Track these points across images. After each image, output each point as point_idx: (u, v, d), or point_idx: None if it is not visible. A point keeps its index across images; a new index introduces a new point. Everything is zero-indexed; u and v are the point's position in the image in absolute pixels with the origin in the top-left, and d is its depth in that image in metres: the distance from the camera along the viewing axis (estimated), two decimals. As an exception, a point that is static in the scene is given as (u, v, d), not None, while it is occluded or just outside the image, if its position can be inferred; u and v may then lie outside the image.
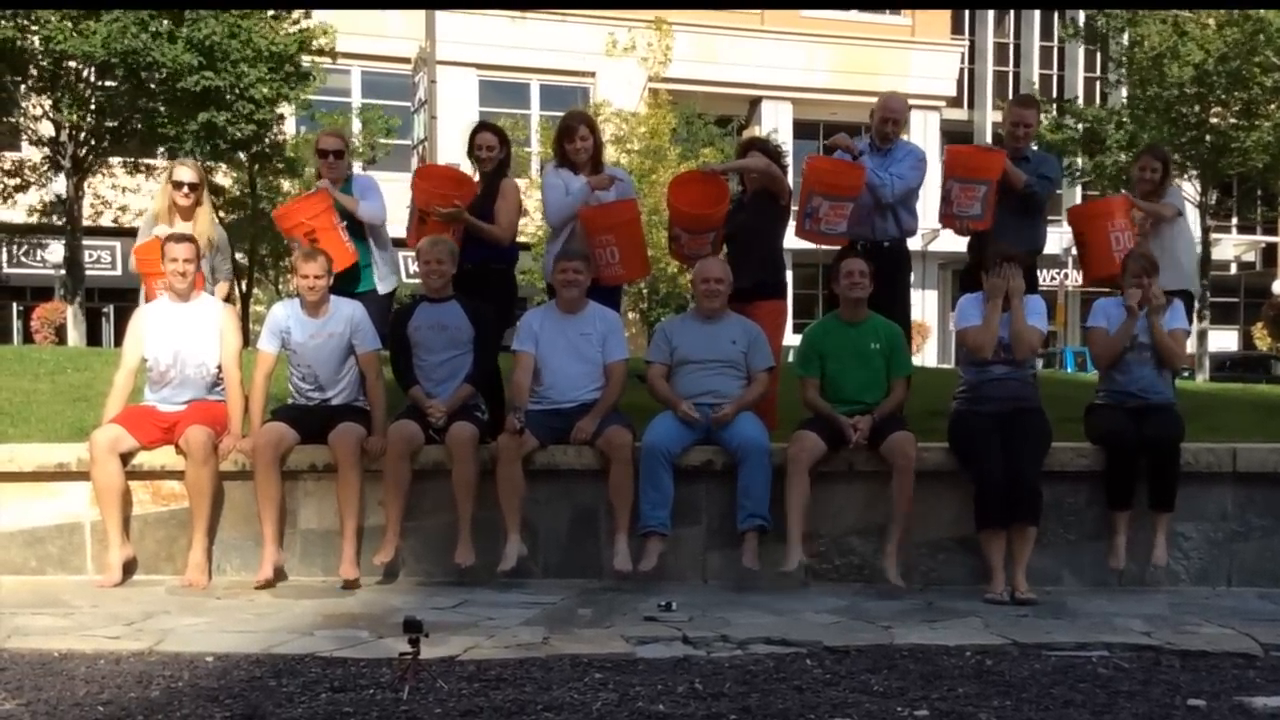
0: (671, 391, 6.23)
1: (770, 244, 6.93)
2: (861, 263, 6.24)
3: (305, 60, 19.92)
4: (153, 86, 18.25)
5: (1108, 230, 6.88)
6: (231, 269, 7.15)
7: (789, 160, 7.37)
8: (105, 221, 22.12)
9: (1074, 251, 29.64)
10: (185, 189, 6.72)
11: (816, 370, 6.29)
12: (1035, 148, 7.65)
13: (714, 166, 6.85)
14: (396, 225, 6.92)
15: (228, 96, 17.92)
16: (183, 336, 6.21)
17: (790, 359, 8.16)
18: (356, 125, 24.77)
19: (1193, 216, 31.18)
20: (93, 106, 18.91)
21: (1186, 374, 18.55)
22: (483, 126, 7.18)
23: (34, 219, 21.50)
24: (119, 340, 6.35)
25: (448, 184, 6.83)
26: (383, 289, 7.02)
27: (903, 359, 6.34)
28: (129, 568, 6.02)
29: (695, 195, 6.79)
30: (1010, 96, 35.09)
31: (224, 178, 22.57)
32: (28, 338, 25.19)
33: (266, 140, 20.36)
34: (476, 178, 7.00)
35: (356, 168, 7.24)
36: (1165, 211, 7.05)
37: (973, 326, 6.24)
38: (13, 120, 19.95)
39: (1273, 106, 25.14)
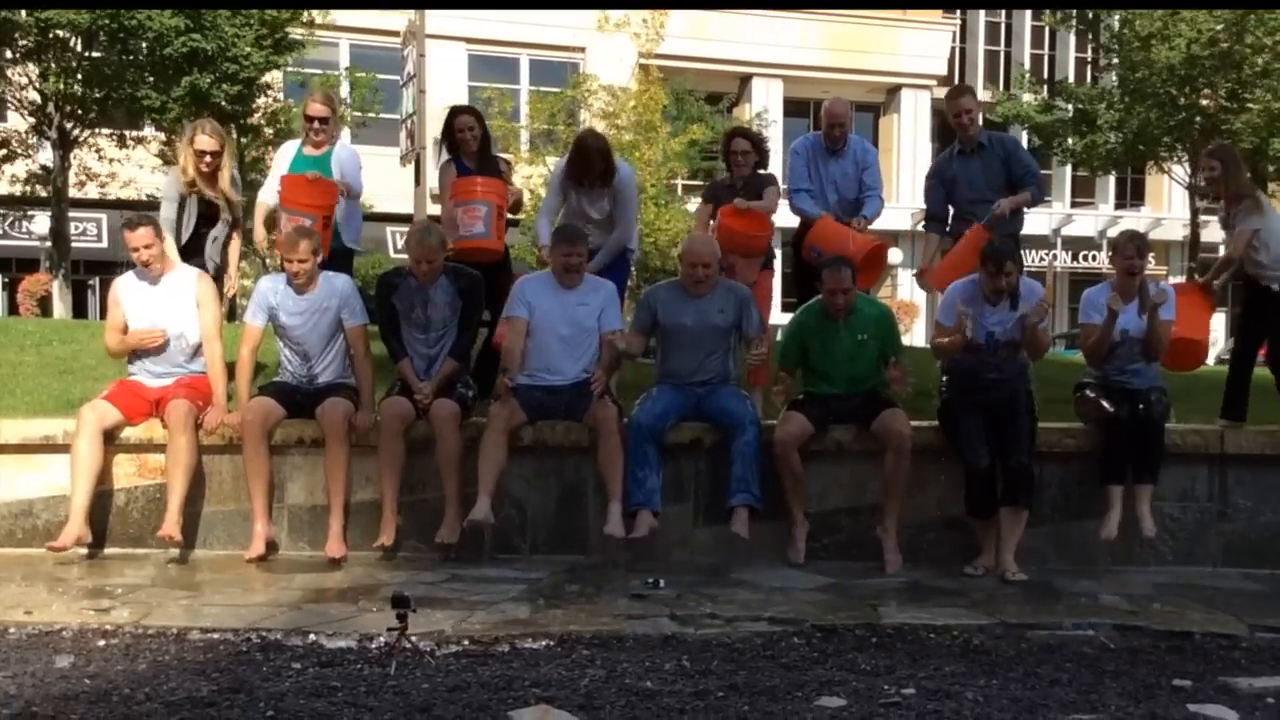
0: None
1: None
2: (848, 275, 6.10)
3: (297, 33, 19.77)
4: (140, 57, 18.08)
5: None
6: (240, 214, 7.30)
7: (780, 138, 7.54)
8: (91, 193, 21.96)
9: (1063, 232, 29.51)
10: (208, 158, 6.78)
11: (796, 362, 6.25)
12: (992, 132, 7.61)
13: (741, 204, 6.97)
14: (385, 200, 6.94)
15: (215, 60, 17.74)
16: (160, 310, 6.16)
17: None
18: (345, 90, 24.56)
19: (1182, 199, 31.32)
20: (79, 76, 18.75)
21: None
22: (460, 110, 7.30)
23: (19, 190, 21.34)
24: (104, 313, 6.31)
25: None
26: (349, 242, 7.16)
27: (896, 341, 6.34)
28: (81, 543, 5.91)
29: (741, 224, 6.92)
30: (1001, 76, 35.11)
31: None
32: (12, 309, 25.05)
33: (255, 110, 20.20)
34: (445, 158, 7.17)
35: (346, 138, 7.22)
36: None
37: (951, 334, 6.07)
38: (-1, 91, 19.80)
39: (1260, 90, 25.14)
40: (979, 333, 6.00)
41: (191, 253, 6.77)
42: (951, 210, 7.30)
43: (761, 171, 7.42)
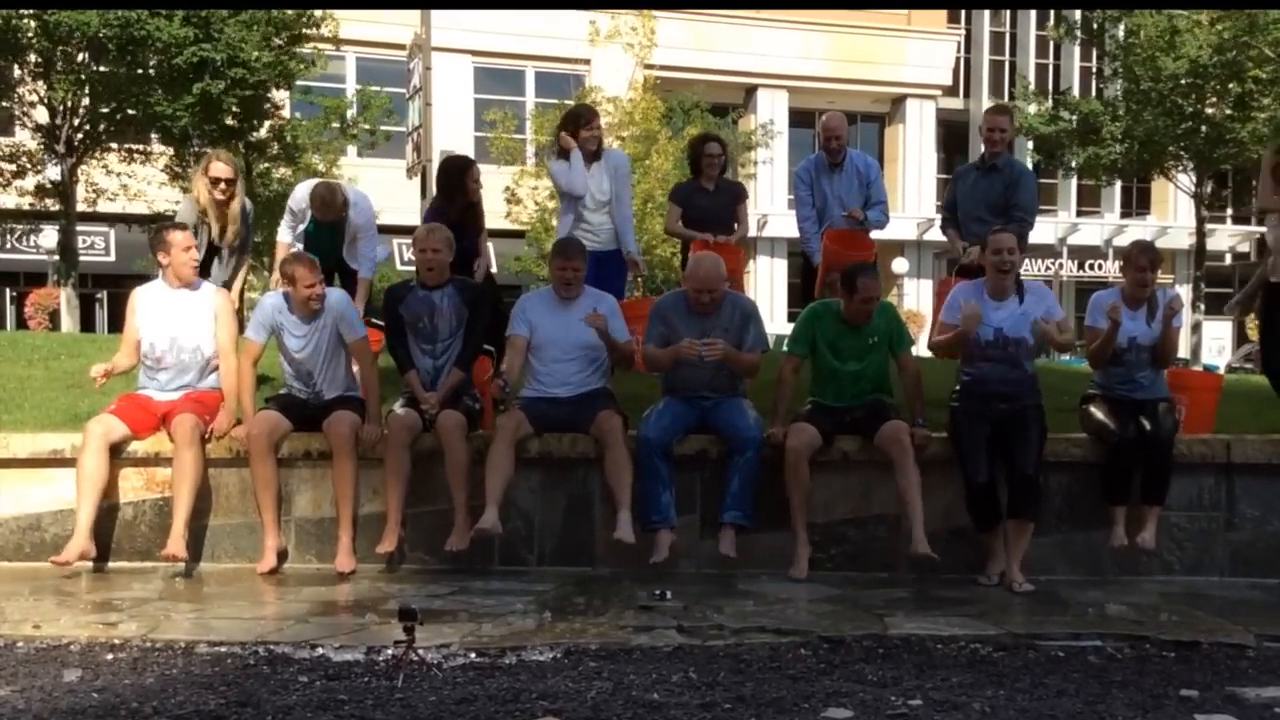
0: (667, 350, 6.16)
1: (729, 224, 7.90)
2: (879, 282, 6.19)
3: (306, 48, 19.86)
4: (149, 71, 18.12)
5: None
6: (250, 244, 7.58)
7: (785, 149, 7.95)
8: (99, 207, 22.02)
9: (1068, 241, 29.65)
10: (223, 185, 7.04)
11: (806, 350, 6.26)
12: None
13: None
14: (391, 213, 7.00)
15: (223, 68, 17.78)
16: (180, 322, 6.21)
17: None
18: (353, 110, 24.64)
19: (1188, 208, 31.30)
20: (87, 89, 18.80)
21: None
22: (472, 162, 7.58)
23: (28, 204, 21.41)
24: (113, 326, 6.38)
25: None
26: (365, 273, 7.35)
27: (903, 334, 6.34)
28: (85, 558, 5.93)
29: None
30: (1006, 87, 35.14)
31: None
32: (21, 323, 25.12)
33: (264, 124, 20.26)
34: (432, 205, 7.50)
35: (352, 153, 7.41)
36: None
37: (952, 332, 6.13)
38: (7, 105, 19.86)
39: (1267, 100, 25.14)
40: (985, 330, 6.01)
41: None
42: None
43: (730, 179, 8.22)
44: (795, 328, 6.44)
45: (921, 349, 6.83)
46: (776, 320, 28.32)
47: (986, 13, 37.60)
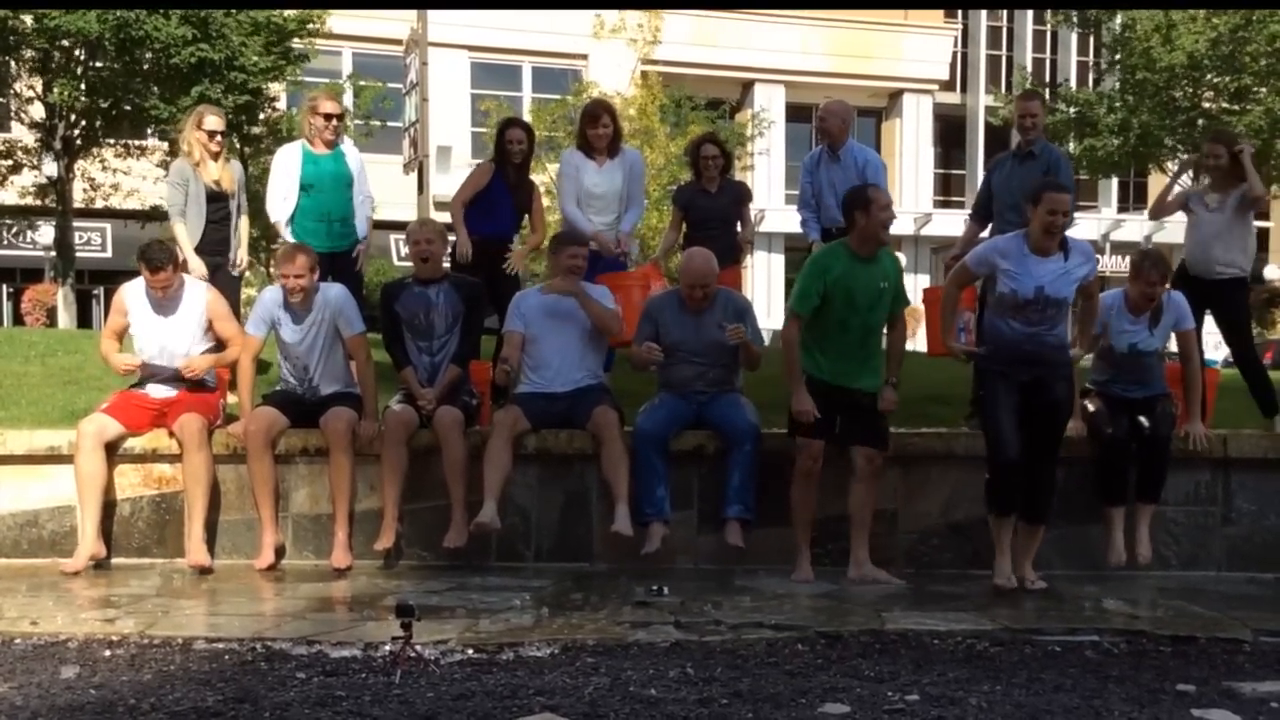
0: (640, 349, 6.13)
1: (733, 225, 7.82)
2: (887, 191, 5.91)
3: (298, 43, 19.81)
4: (145, 67, 18.08)
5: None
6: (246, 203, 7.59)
7: (782, 142, 7.72)
8: (95, 203, 21.98)
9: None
10: (218, 137, 7.07)
11: (813, 307, 5.79)
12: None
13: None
14: (387, 208, 6.97)
15: (222, 70, 17.75)
16: (167, 331, 6.18)
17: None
18: (349, 99, 24.57)
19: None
20: (84, 86, 18.76)
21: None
22: (513, 122, 7.63)
23: (25, 200, 21.38)
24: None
25: None
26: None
27: (902, 290, 6.01)
28: (96, 560, 5.96)
29: None
30: (1003, 80, 35.13)
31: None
32: (18, 319, 25.09)
33: (260, 119, 20.23)
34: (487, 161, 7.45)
35: (348, 143, 7.37)
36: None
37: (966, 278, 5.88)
38: (3, 101, 19.81)
39: (1263, 91, 25.14)
40: (1026, 287, 5.56)
41: (209, 239, 6.99)
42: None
43: (733, 179, 8.08)
44: (800, 282, 5.88)
45: (920, 345, 6.77)
46: (774, 316, 28.30)
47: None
